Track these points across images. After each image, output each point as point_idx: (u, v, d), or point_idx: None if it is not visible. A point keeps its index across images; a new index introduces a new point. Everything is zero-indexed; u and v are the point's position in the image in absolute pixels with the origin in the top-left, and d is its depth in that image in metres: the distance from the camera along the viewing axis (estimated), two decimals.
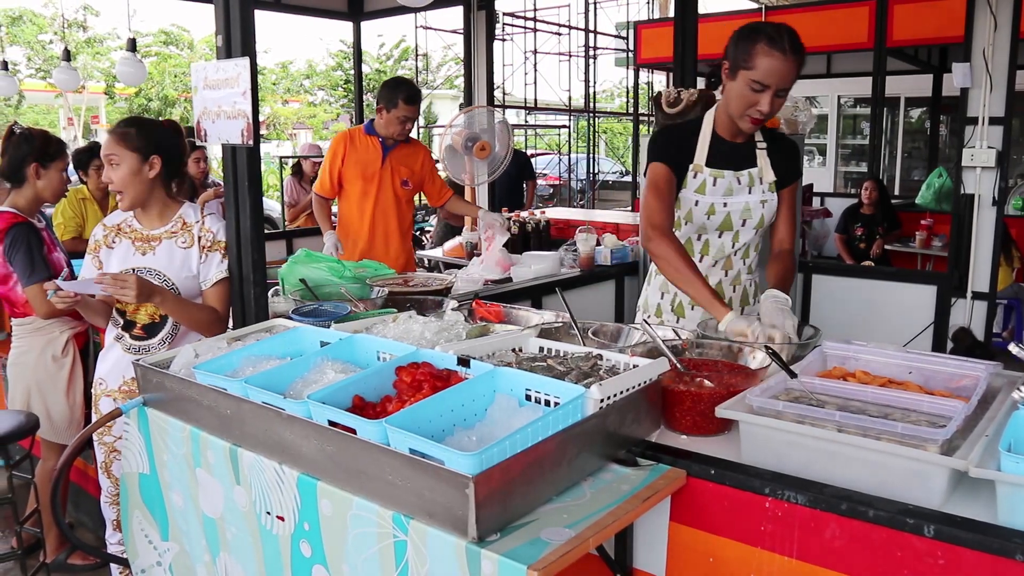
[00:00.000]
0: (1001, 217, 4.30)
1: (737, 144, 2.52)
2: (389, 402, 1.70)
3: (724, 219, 2.53)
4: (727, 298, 2.62)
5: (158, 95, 24.03)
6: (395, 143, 4.35)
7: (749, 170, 2.52)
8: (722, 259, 2.60)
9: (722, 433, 1.81)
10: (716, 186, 2.50)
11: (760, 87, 2.29)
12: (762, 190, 2.53)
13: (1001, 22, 4.09)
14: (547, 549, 1.34)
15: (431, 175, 4.58)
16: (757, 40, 2.28)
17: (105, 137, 2.67)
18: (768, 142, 2.55)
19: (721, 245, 2.58)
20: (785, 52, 2.25)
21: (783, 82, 2.29)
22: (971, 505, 1.42)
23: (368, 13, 6.41)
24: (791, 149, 2.61)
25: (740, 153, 2.52)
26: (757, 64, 2.27)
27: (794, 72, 2.29)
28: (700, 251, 2.60)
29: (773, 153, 2.55)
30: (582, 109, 15.14)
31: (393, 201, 4.38)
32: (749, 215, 2.53)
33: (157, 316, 2.62)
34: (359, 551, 1.56)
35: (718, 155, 2.51)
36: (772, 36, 2.27)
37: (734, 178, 2.50)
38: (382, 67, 26.12)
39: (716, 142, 2.52)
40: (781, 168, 2.55)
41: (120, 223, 2.69)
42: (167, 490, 2.11)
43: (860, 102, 12.24)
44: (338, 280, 2.90)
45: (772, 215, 2.56)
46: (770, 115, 2.35)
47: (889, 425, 1.50)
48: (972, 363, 1.84)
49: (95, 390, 2.71)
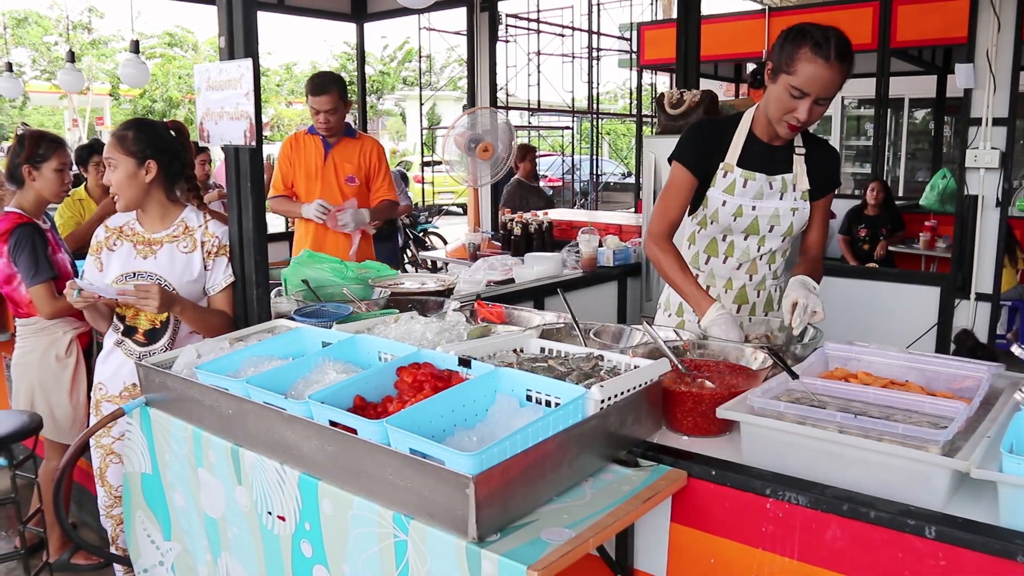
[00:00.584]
0: (1005, 218, 4.29)
1: (774, 147, 2.43)
2: (390, 402, 1.70)
3: (751, 223, 2.45)
4: (750, 303, 2.57)
5: (162, 96, 24.10)
6: (337, 140, 4.23)
7: (783, 175, 2.43)
8: (747, 262, 2.52)
9: (723, 434, 1.80)
10: (746, 188, 2.42)
11: (800, 94, 2.21)
12: (794, 197, 2.44)
13: (1005, 23, 4.08)
14: (547, 549, 1.34)
15: (378, 172, 4.35)
16: (802, 44, 2.18)
17: (107, 138, 2.67)
18: (808, 148, 2.45)
19: (746, 248, 2.50)
20: (829, 59, 2.15)
21: (825, 91, 2.19)
22: (973, 506, 1.42)
23: (371, 15, 6.43)
24: (832, 158, 2.52)
25: (776, 157, 2.43)
26: (799, 70, 2.18)
27: (838, 81, 2.19)
28: (724, 252, 2.53)
29: (812, 160, 2.45)
30: (585, 110, 15.13)
31: (338, 197, 4.22)
32: (778, 222, 2.45)
33: (158, 322, 2.59)
34: (360, 551, 1.57)
35: (752, 156, 2.43)
36: (818, 41, 2.16)
37: (766, 182, 2.42)
38: (386, 69, 26.15)
39: (751, 142, 2.43)
40: (818, 176, 2.46)
41: (122, 225, 2.68)
42: (169, 490, 2.11)
43: (864, 103, 12.23)
44: (340, 281, 2.90)
45: (803, 224, 2.47)
46: (809, 123, 2.28)
47: (891, 426, 1.50)
48: (974, 364, 1.83)
49: (95, 395, 2.69)
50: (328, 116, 4.11)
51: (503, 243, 5.60)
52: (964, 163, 4.31)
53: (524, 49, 13.51)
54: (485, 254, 5.29)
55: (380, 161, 4.36)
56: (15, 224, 3.16)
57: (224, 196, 5.44)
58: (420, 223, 11.29)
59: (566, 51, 14.39)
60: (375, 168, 4.33)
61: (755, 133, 2.43)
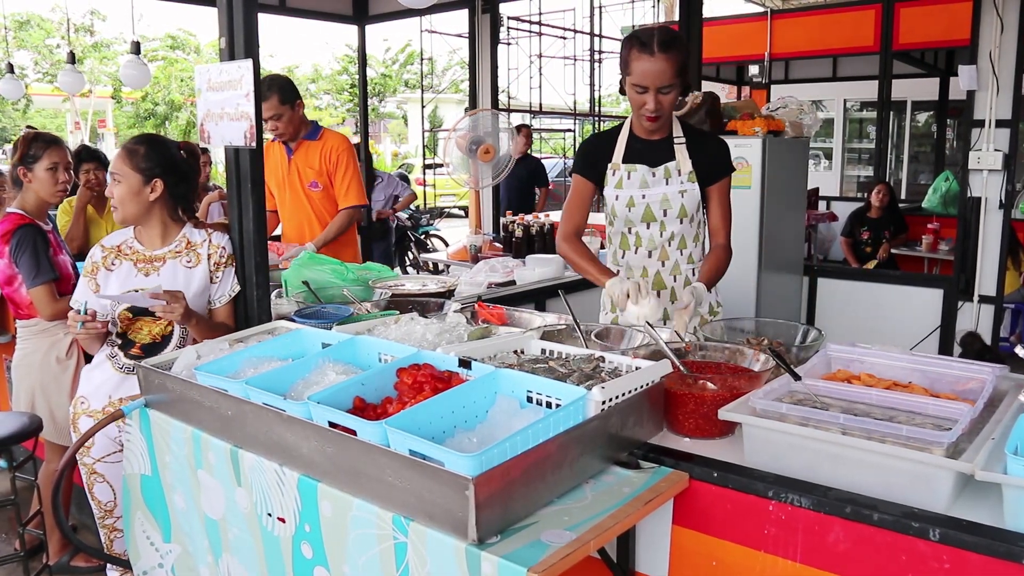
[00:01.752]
0: (1008, 220, 4.28)
1: (653, 141, 2.64)
2: (390, 403, 1.70)
3: (645, 210, 2.64)
4: (668, 288, 2.71)
5: (164, 99, 24.12)
6: (297, 144, 4.04)
7: (666, 164, 2.62)
8: (655, 249, 2.68)
9: (725, 436, 1.79)
10: (631, 179, 2.63)
11: (640, 89, 2.45)
12: (680, 181, 2.62)
13: (1008, 25, 4.07)
14: (548, 551, 1.33)
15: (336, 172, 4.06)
16: (630, 47, 2.43)
17: (116, 151, 2.62)
18: (689, 138, 2.64)
19: (650, 236, 2.67)
20: (653, 53, 2.38)
21: (659, 80, 2.41)
22: (977, 509, 1.41)
23: (373, 17, 6.43)
24: (717, 146, 2.70)
25: (657, 149, 2.64)
26: (633, 68, 2.43)
27: (668, 70, 2.40)
28: (634, 243, 2.70)
29: (696, 149, 2.63)
30: (587, 113, 15.12)
31: (305, 205, 4.08)
32: (668, 205, 2.62)
33: (159, 337, 2.55)
34: (360, 553, 1.56)
35: (633, 152, 2.65)
36: (642, 40, 2.40)
37: (648, 172, 2.62)
38: (387, 71, 26.18)
39: (632, 141, 2.66)
40: (705, 165, 2.63)
41: (120, 244, 2.61)
42: (169, 491, 2.10)
43: (866, 106, 12.21)
44: (341, 282, 2.90)
45: (694, 204, 2.64)
46: (662, 111, 2.48)
47: (894, 428, 1.49)
48: (978, 366, 1.82)
49: (74, 408, 2.59)
50: (275, 123, 3.90)
51: (504, 245, 5.59)
52: (967, 165, 4.30)
53: (526, 51, 13.51)
54: (486, 256, 5.27)
55: (340, 159, 4.08)
56: (16, 225, 3.15)
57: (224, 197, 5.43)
58: (422, 225, 11.28)
59: (568, 53, 14.40)
60: (335, 167, 4.08)
61: (635, 133, 2.67)
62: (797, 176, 4.78)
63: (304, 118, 4.09)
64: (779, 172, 4.46)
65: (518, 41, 13.20)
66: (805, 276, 5.04)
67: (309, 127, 4.10)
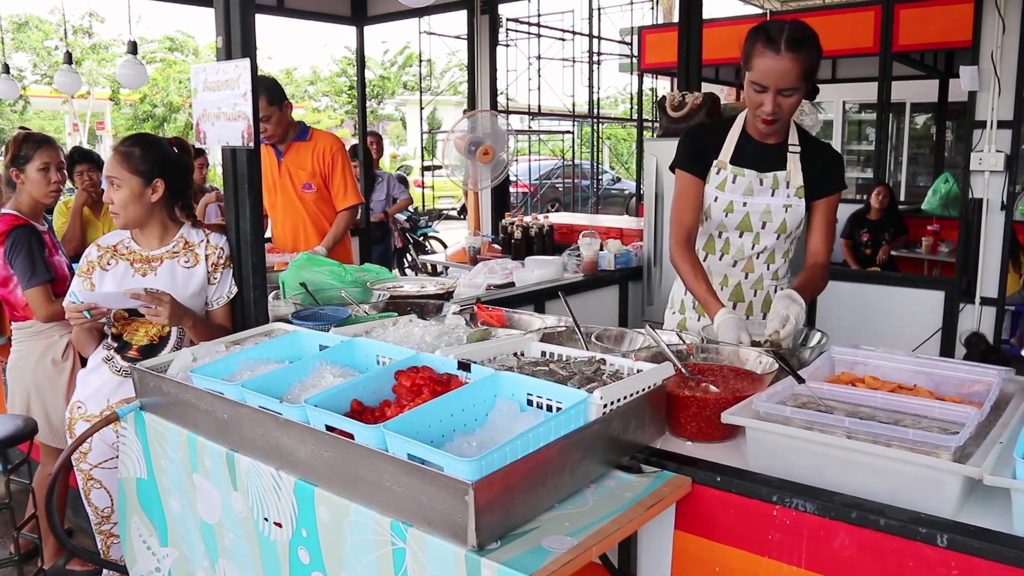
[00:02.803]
0: (1010, 222, 4.26)
1: (767, 145, 2.47)
2: (388, 407, 1.67)
3: (743, 219, 2.48)
4: (746, 301, 2.58)
5: (163, 101, 24.10)
6: (287, 146, 4.02)
7: (776, 172, 2.46)
8: (742, 260, 2.54)
9: (728, 439, 1.77)
10: (736, 183, 2.46)
11: (760, 88, 2.27)
12: (787, 194, 2.46)
13: (1010, 25, 4.06)
14: (549, 558, 1.31)
15: (333, 173, 4.04)
16: (756, 40, 2.26)
17: (109, 154, 2.56)
18: (804, 147, 2.47)
19: (741, 245, 2.52)
20: (779, 51, 2.21)
21: (781, 82, 2.24)
22: (985, 514, 1.38)
23: (371, 18, 6.40)
24: (832, 160, 2.52)
25: (769, 154, 2.47)
26: (754, 65, 2.26)
27: (793, 71, 2.22)
28: (721, 249, 2.56)
29: (809, 160, 2.46)
30: (586, 115, 15.13)
31: (299, 207, 4.06)
32: (769, 218, 2.47)
33: (156, 338, 2.52)
34: (358, 558, 1.53)
35: (743, 154, 2.48)
36: (770, 35, 2.23)
37: (756, 178, 2.46)
38: (386, 73, 26.18)
39: (744, 141, 2.49)
40: (816, 176, 2.46)
41: (116, 244, 2.58)
42: (165, 495, 2.08)
43: (865, 107, 12.21)
44: (339, 284, 2.87)
45: (797, 221, 2.48)
46: (780, 115, 2.30)
47: (900, 431, 1.47)
48: (984, 368, 1.80)
49: (71, 413, 2.56)
50: (264, 124, 3.84)
51: (503, 247, 5.57)
52: (968, 166, 4.29)
53: (525, 53, 13.56)
54: (485, 258, 5.25)
55: (335, 160, 4.06)
56: (11, 226, 3.13)
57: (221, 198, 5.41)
58: (420, 227, 11.26)
59: (567, 55, 14.41)
60: (330, 168, 4.05)
61: (748, 132, 2.48)
62: None
63: (292, 119, 4.07)
64: None
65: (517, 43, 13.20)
66: None
67: (298, 128, 4.08)
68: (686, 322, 2.67)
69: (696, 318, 2.65)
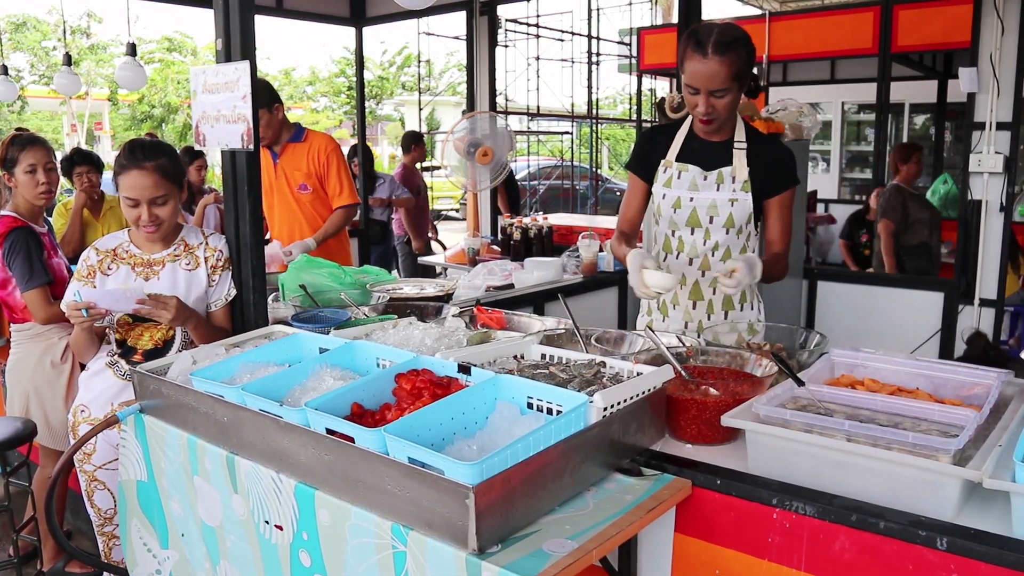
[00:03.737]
0: (1009, 223, 4.27)
1: (712, 142, 2.52)
2: (388, 410, 1.67)
3: (691, 214, 2.52)
4: (706, 299, 2.60)
5: (161, 102, 24.07)
6: (282, 147, 4.01)
7: (721, 169, 2.50)
8: (697, 258, 2.57)
9: (728, 442, 1.77)
10: (681, 179, 2.53)
11: (692, 90, 2.34)
12: (732, 188, 2.49)
13: (1008, 27, 4.06)
14: (549, 561, 1.31)
15: (328, 173, 4.01)
16: (686, 44, 2.31)
17: (137, 174, 2.41)
18: (752, 144, 2.50)
19: (693, 242, 2.56)
20: (706, 55, 2.26)
21: (711, 84, 2.29)
22: (985, 517, 1.39)
23: (370, 19, 6.40)
24: (781, 157, 2.54)
25: (714, 151, 2.52)
26: (686, 68, 2.32)
27: (721, 73, 2.27)
28: (676, 247, 2.59)
29: (757, 157, 2.49)
30: (585, 115, 15.12)
31: (296, 208, 4.04)
32: (716, 212, 2.50)
33: (161, 342, 2.51)
34: (358, 561, 1.53)
35: (689, 151, 2.55)
36: (699, 39, 2.28)
37: (700, 174, 2.51)
38: (385, 73, 26.15)
39: (691, 140, 2.55)
40: (765, 174, 2.49)
41: (115, 247, 2.55)
42: (166, 498, 2.08)
43: (864, 108, 12.21)
44: (338, 286, 2.87)
45: (744, 215, 2.51)
46: (715, 115, 2.37)
47: (900, 434, 1.47)
48: (983, 371, 1.80)
49: (74, 416, 2.55)
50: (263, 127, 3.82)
51: (503, 248, 5.57)
52: (968, 167, 4.29)
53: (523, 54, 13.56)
54: (484, 259, 5.26)
55: (330, 160, 4.04)
56: (10, 228, 3.13)
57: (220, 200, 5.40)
58: None
59: (566, 56, 14.39)
60: (325, 168, 4.04)
61: (695, 132, 2.54)
62: None
63: (286, 120, 4.06)
64: None
65: (516, 43, 13.19)
66: (805, 279, 5.03)
67: (292, 130, 4.07)
68: (653, 323, 2.69)
69: (662, 319, 2.68)
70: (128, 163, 2.42)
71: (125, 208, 2.46)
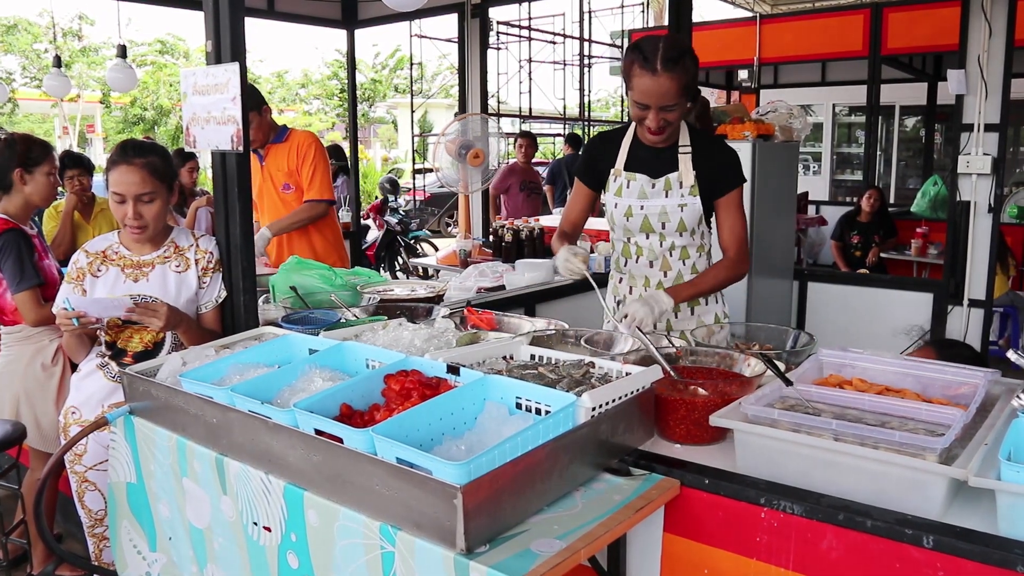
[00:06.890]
0: (997, 224, 4.29)
1: (657, 149, 2.50)
2: (377, 411, 1.67)
3: (643, 221, 2.54)
4: None
5: (153, 104, 24.01)
6: (266, 148, 4.00)
7: (668, 175, 2.49)
8: (657, 260, 2.58)
9: (717, 442, 1.78)
10: (630, 188, 2.53)
11: (642, 106, 2.31)
12: (680, 194, 2.49)
13: (996, 30, 4.09)
14: (537, 561, 1.31)
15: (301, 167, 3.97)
16: (633, 60, 2.27)
17: (125, 169, 2.41)
18: (697, 146, 2.50)
19: (650, 245, 2.57)
20: (655, 71, 2.22)
21: (661, 100, 2.27)
22: (971, 515, 1.39)
23: (362, 21, 6.41)
24: (725, 157, 2.54)
25: (660, 157, 2.51)
26: (634, 84, 2.28)
27: (672, 88, 2.24)
28: (635, 252, 2.61)
29: (702, 159, 2.49)
30: (577, 118, 15.13)
31: (283, 210, 4.02)
32: (667, 218, 2.51)
33: (151, 344, 2.51)
34: (347, 563, 1.53)
35: (636, 160, 2.53)
36: (645, 55, 2.23)
37: (648, 182, 2.50)
38: (377, 76, 26.16)
39: (636, 147, 2.54)
40: (711, 176, 2.49)
41: (104, 249, 2.54)
42: (154, 500, 2.07)
43: (855, 110, 12.27)
44: (328, 287, 2.87)
45: (695, 218, 2.51)
46: (666, 128, 2.36)
47: (887, 434, 1.48)
48: (970, 371, 1.81)
49: (65, 418, 2.54)
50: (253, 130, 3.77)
51: (494, 250, 5.57)
52: (956, 169, 4.31)
53: (515, 56, 13.50)
54: (476, 261, 5.25)
55: (306, 154, 4.00)
56: (1, 230, 3.11)
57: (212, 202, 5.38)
58: (411, 230, 11.24)
59: (557, 58, 14.39)
60: (300, 162, 3.99)
61: (639, 139, 2.52)
62: (787, 180, 4.79)
63: (272, 123, 4.05)
64: (769, 176, 4.46)
65: (508, 46, 13.20)
66: (795, 280, 5.04)
67: (277, 131, 4.06)
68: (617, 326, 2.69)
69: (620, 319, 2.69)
70: (118, 159, 2.44)
71: (113, 205, 2.47)
